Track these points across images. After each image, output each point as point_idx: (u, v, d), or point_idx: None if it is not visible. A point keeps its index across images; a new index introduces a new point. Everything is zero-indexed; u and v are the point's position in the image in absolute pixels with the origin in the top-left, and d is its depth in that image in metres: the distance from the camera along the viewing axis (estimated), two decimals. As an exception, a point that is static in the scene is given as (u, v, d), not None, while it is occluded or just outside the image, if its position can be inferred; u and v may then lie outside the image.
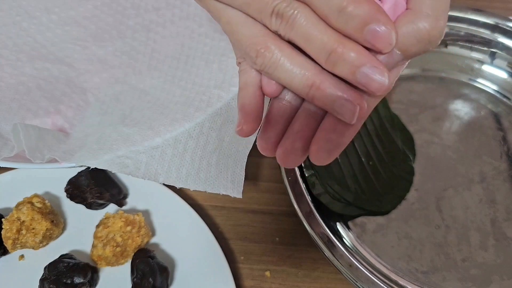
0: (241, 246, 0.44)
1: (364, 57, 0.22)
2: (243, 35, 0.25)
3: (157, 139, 0.39)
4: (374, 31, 0.21)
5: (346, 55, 0.22)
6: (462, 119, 0.49)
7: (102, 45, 0.48)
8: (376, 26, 0.21)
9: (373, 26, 0.21)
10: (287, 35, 0.24)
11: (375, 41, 0.22)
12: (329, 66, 0.23)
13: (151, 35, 0.49)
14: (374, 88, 0.22)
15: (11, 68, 0.46)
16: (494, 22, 0.50)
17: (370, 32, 0.22)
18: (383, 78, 0.22)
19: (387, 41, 0.22)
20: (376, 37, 0.22)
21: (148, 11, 0.50)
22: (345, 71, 0.22)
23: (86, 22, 0.49)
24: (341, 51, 0.22)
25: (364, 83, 0.22)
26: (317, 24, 0.23)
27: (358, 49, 0.22)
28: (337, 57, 0.22)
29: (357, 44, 0.22)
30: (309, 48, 0.23)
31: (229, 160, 0.39)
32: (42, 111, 0.44)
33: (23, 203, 0.41)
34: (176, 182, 0.38)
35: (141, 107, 0.43)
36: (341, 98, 0.23)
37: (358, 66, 0.22)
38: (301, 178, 0.40)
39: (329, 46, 0.22)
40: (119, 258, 0.40)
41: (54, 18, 0.49)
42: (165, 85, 0.46)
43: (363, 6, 0.21)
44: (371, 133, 0.47)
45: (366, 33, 0.22)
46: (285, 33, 0.24)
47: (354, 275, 0.36)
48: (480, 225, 0.43)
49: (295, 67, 0.24)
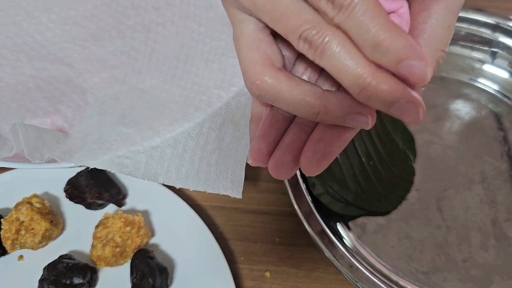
0: (241, 246, 0.44)
1: (399, 93, 0.21)
2: (244, 58, 0.25)
3: (156, 139, 0.39)
4: (410, 66, 0.21)
5: (379, 91, 0.21)
6: (462, 119, 0.49)
7: (101, 45, 0.48)
8: (412, 62, 0.21)
9: (409, 62, 0.21)
10: (316, 61, 0.23)
11: (411, 76, 0.21)
12: (362, 99, 0.22)
13: (150, 35, 0.49)
14: (409, 120, 0.22)
15: (11, 68, 0.46)
16: (495, 22, 0.50)
17: (406, 67, 0.21)
18: (418, 112, 0.21)
19: (422, 77, 0.21)
20: (412, 73, 0.21)
21: (148, 11, 0.50)
22: (378, 106, 0.22)
23: (86, 22, 0.49)
24: (374, 86, 0.21)
25: (399, 115, 0.22)
26: (350, 54, 0.22)
27: (392, 83, 0.21)
28: (370, 92, 0.21)
29: (391, 77, 0.21)
30: (340, 78, 0.22)
31: (229, 160, 0.39)
32: (42, 111, 0.44)
33: (22, 203, 0.41)
34: (176, 182, 0.38)
35: (141, 107, 0.43)
36: (351, 113, 0.23)
37: (391, 103, 0.21)
38: (301, 178, 0.40)
39: (361, 81, 0.21)
40: (118, 259, 0.40)
41: (54, 18, 0.49)
42: (164, 85, 0.46)
43: (399, 41, 0.21)
44: (372, 133, 0.46)
45: (401, 68, 0.21)
46: (313, 59, 0.22)
47: (355, 275, 0.36)
48: (481, 225, 0.43)
49: (296, 98, 0.24)
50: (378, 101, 0.21)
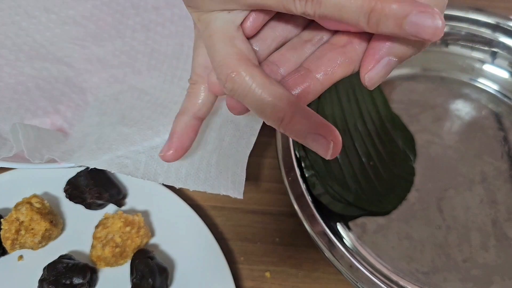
0: (241, 246, 0.44)
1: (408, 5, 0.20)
2: (218, 52, 0.25)
3: (156, 139, 0.39)
4: (418, 17, 0.20)
5: (387, 9, 0.20)
6: (463, 119, 0.49)
7: (101, 45, 0.48)
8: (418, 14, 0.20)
9: (415, 14, 0.20)
10: (317, 13, 0.22)
11: (421, 28, 0.20)
12: (373, 27, 0.21)
13: (150, 35, 0.49)
14: (428, 35, 0.20)
15: (10, 67, 0.46)
16: (495, 22, 0.50)
17: (412, 21, 0.20)
18: (435, 21, 0.20)
19: (433, 27, 0.20)
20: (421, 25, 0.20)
21: (148, 10, 0.50)
22: (391, 26, 0.20)
23: (86, 22, 0.49)
24: (381, 6, 0.20)
25: (416, 33, 0.20)
26: None
27: None
28: (378, 14, 0.20)
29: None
30: (345, 17, 0.21)
31: (229, 160, 0.39)
32: (41, 111, 0.44)
33: (22, 204, 0.41)
34: (176, 182, 0.38)
35: (141, 107, 0.43)
36: (313, 132, 0.23)
37: (403, 17, 0.20)
38: (301, 179, 0.40)
39: (366, 6, 0.21)
40: (118, 259, 0.40)
41: (54, 17, 0.49)
42: (164, 84, 0.46)
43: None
44: (372, 133, 0.46)
45: (407, 24, 0.20)
46: (314, 12, 0.22)
47: (355, 275, 0.36)
48: (481, 225, 0.43)
49: (266, 97, 0.23)
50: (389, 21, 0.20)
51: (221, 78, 0.25)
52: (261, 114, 0.24)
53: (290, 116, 0.23)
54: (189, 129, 0.32)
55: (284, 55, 0.27)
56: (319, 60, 0.25)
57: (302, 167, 0.42)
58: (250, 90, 0.24)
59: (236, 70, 0.24)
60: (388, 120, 0.47)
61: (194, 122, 0.32)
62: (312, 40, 0.27)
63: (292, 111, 0.23)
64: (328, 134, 0.22)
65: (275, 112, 0.23)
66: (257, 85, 0.24)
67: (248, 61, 0.24)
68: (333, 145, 0.22)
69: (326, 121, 0.23)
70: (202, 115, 0.32)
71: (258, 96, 0.24)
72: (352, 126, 0.47)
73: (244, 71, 0.24)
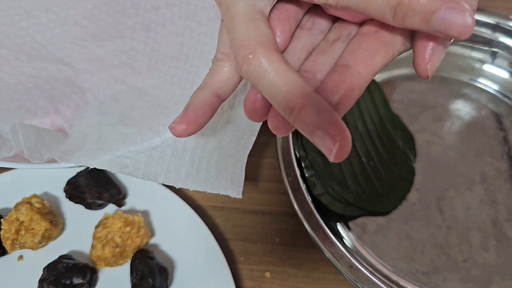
0: (241, 246, 0.44)
1: (437, 0, 0.19)
2: (238, 34, 0.24)
3: (156, 139, 0.39)
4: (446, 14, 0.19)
5: (415, 3, 0.19)
6: (463, 119, 0.49)
7: (101, 45, 0.48)
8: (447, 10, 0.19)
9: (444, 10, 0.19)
10: (339, 4, 0.21)
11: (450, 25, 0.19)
12: (398, 21, 0.20)
13: (150, 35, 0.49)
14: (456, 33, 0.19)
15: (10, 67, 0.46)
16: (495, 22, 0.50)
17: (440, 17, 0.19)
18: (466, 18, 0.19)
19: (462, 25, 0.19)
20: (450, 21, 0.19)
21: (148, 10, 0.49)
22: (418, 21, 0.19)
23: (85, 22, 0.49)
24: (408, 0, 0.19)
25: (444, 29, 0.19)
26: None
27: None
28: (405, 8, 0.19)
29: None
30: (370, 9, 0.20)
31: (229, 160, 0.39)
32: (41, 111, 0.44)
33: (22, 204, 0.41)
34: (176, 182, 0.38)
35: (141, 106, 0.43)
36: (322, 128, 0.21)
37: (432, 12, 0.19)
38: (301, 178, 0.40)
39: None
40: (118, 259, 0.40)
41: (53, 17, 0.48)
42: (164, 84, 0.46)
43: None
44: (372, 133, 0.46)
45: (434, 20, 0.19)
46: (336, 2, 0.21)
47: (355, 275, 0.36)
48: (481, 225, 0.43)
49: (280, 83, 0.22)
50: (417, 16, 0.19)
51: (238, 60, 0.24)
52: (273, 100, 0.23)
53: (300, 107, 0.22)
54: (206, 105, 0.28)
55: (316, 61, 0.26)
56: (354, 53, 0.24)
57: (302, 167, 0.42)
58: (265, 74, 0.23)
59: (254, 52, 0.23)
60: (388, 120, 0.47)
61: (213, 99, 0.28)
62: (340, 38, 0.26)
63: (303, 102, 0.22)
64: (336, 134, 0.21)
65: (286, 100, 0.22)
66: (272, 70, 0.23)
67: (270, 44, 0.23)
68: (339, 146, 0.21)
69: (340, 120, 0.21)
70: (222, 94, 0.29)
71: (271, 81, 0.23)
72: (352, 126, 0.47)
73: (263, 54, 0.23)
